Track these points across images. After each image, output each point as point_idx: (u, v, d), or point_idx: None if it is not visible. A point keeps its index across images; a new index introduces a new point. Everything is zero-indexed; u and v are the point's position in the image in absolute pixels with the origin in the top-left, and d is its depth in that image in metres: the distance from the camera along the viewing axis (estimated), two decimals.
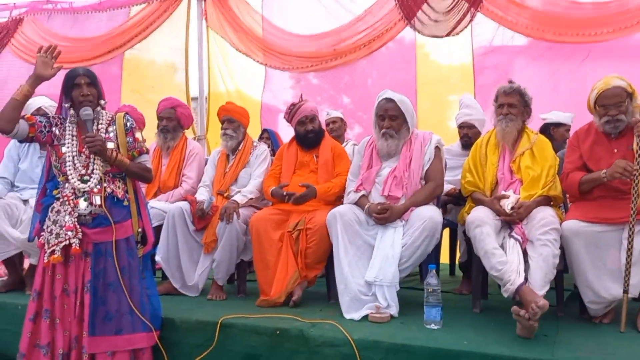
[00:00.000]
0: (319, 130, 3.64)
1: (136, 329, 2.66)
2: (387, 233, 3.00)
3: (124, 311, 2.64)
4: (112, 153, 2.67)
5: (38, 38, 6.27)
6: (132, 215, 2.76)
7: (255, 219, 3.34)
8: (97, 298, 2.60)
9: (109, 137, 2.74)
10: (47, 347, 2.60)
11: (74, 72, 2.72)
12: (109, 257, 2.64)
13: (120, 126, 2.78)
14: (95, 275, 2.62)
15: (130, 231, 2.73)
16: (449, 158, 3.76)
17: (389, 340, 2.46)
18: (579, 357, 2.22)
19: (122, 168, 2.72)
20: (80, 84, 2.69)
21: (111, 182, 2.72)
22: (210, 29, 5.82)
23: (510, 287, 2.54)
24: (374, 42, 5.11)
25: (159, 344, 2.75)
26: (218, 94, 5.86)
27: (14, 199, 3.68)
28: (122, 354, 2.63)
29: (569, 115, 4.25)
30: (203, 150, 4.58)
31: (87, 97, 2.68)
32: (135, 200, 2.80)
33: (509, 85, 3.12)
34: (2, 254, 3.58)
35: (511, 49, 4.97)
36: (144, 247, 2.81)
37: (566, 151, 3.11)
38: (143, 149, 2.83)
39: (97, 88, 2.74)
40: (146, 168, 2.84)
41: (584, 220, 2.73)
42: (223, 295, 3.46)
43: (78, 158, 2.68)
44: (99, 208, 2.64)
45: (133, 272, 2.71)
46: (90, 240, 2.64)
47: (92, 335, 2.57)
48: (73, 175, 2.64)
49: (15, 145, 3.89)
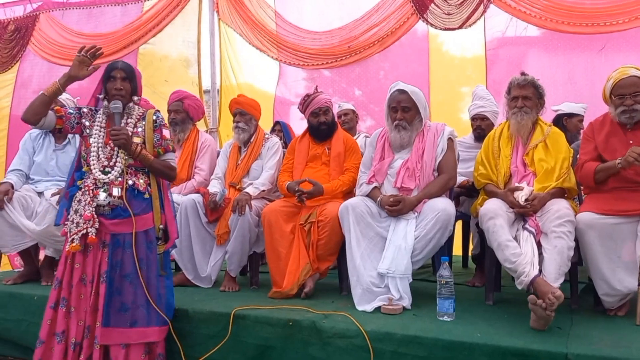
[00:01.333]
0: (332, 123, 3.63)
1: (150, 322, 2.67)
2: (399, 225, 2.99)
3: (139, 303, 2.66)
4: (137, 147, 2.70)
5: (56, 35, 6.36)
6: (154, 210, 2.76)
7: (268, 211, 3.35)
8: (113, 289, 2.62)
9: (137, 132, 2.78)
10: (61, 334, 2.64)
11: (113, 65, 2.78)
12: (127, 249, 2.66)
13: (149, 122, 2.81)
14: (112, 266, 2.64)
15: (150, 224, 2.74)
16: (461, 150, 3.74)
17: (402, 332, 2.45)
18: (593, 350, 2.19)
19: (145, 163, 2.74)
20: (116, 78, 2.74)
21: (133, 174, 2.74)
22: (222, 22, 5.84)
23: (525, 279, 2.52)
24: (388, 38, 5.12)
25: (174, 335, 2.77)
26: (229, 87, 5.88)
27: (29, 191, 3.72)
28: (137, 346, 2.64)
29: (581, 106, 4.21)
30: (215, 143, 4.59)
31: (120, 92, 2.73)
32: (159, 196, 2.81)
33: (522, 78, 3.09)
34: (18, 245, 3.63)
35: (524, 40, 4.94)
36: (165, 243, 2.80)
37: (581, 142, 3.08)
38: (169, 146, 2.84)
39: (133, 83, 2.78)
40: (170, 166, 2.84)
41: (599, 213, 2.71)
42: (236, 287, 3.47)
43: (103, 150, 2.72)
44: (117, 199, 2.66)
45: (151, 265, 2.72)
46: (108, 231, 2.67)
47: (105, 326, 2.59)
48: (95, 166, 2.69)
49: (31, 138, 3.93)
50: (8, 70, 6.59)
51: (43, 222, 3.52)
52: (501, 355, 2.26)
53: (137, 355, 2.63)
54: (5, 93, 6.66)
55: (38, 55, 6.43)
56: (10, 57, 6.55)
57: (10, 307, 3.43)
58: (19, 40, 6.52)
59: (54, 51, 6.34)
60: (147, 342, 2.67)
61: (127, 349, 2.62)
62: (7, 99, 6.64)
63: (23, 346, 3.40)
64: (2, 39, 6.57)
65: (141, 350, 2.65)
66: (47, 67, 6.42)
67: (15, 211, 3.53)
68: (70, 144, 3.91)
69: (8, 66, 6.58)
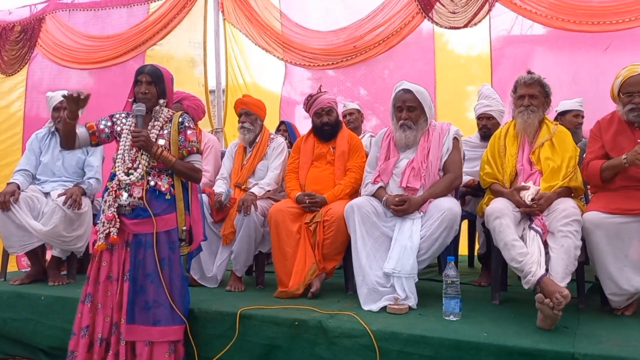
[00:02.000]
0: (335, 123, 3.62)
1: (171, 321, 2.69)
2: (405, 225, 2.99)
3: (161, 302, 2.68)
4: (158, 149, 2.73)
5: (63, 37, 6.39)
6: (177, 211, 2.78)
7: (274, 210, 3.35)
8: (137, 287, 2.67)
9: (163, 134, 2.81)
10: (85, 329, 2.70)
11: (140, 70, 2.85)
12: (149, 248, 2.69)
13: (175, 125, 2.84)
14: (134, 265, 2.68)
15: (173, 225, 2.75)
16: (467, 149, 3.74)
17: (408, 332, 2.45)
18: (601, 350, 2.18)
19: (167, 165, 2.77)
20: (141, 82, 2.80)
21: (156, 175, 2.77)
22: (228, 23, 5.84)
23: (531, 279, 2.51)
24: (393, 37, 5.11)
25: (190, 337, 2.78)
26: (235, 87, 5.89)
27: (35, 192, 3.73)
28: (161, 344, 2.67)
29: (576, 101, 4.16)
30: (219, 143, 4.60)
31: (145, 95, 2.79)
32: (184, 198, 2.83)
33: (529, 76, 3.08)
34: (25, 246, 3.64)
35: (530, 38, 4.92)
36: (188, 245, 2.82)
37: (588, 141, 3.06)
38: (193, 148, 2.85)
39: (159, 87, 2.83)
40: (193, 168, 2.85)
41: (606, 212, 2.69)
42: (241, 287, 3.48)
43: (129, 152, 2.77)
44: (138, 200, 2.70)
45: (173, 265, 2.74)
46: (129, 231, 2.72)
47: (130, 323, 2.63)
48: (120, 168, 2.75)
49: (37, 138, 3.95)
50: (17, 72, 6.62)
51: (49, 223, 3.53)
52: (508, 354, 2.25)
53: (161, 353, 2.66)
54: (17, 96, 6.70)
55: (46, 57, 6.46)
56: (19, 59, 6.58)
57: (18, 307, 3.45)
58: (26, 42, 6.54)
59: (62, 54, 6.37)
60: (172, 341, 2.69)
61: (151, 346, 2.66)
62: (19, 101, 6.67)
63: (31, 346, 3.42)
64: (9, 40, 6.59)
65: (165, 348, 2.67)
66: (57, 69, 6.47)
67: (21, 212, 3.55)
68: None
69: (17, 68, 6.60)
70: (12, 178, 3.76)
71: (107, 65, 6.14)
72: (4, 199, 3.51)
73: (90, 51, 6.20)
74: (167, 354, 2.66)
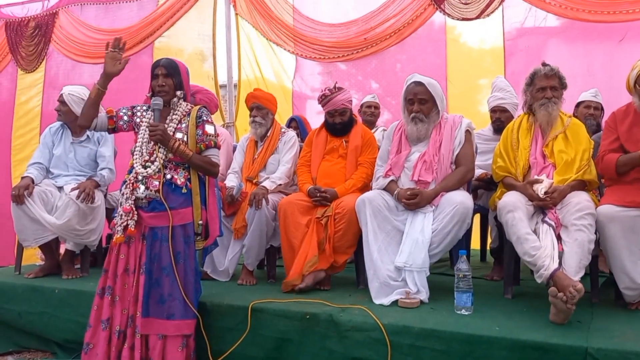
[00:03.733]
0: (348, 122, 3.60)
1: (185, 315, 2.71)
2: (417, 218, 2.98)
3: (175, 296, 2.70)
4: (175, 143, 2.73)
5: (75, 32, 6.42)
6: (194, 205, 2.78)
7: (284, 203, 3.35)
8: (152, 280, 2.68)
9: (181, 127, 2.81)
10: (106, 322, 2.72)
11: (156, 63, 2.87)
12: (164, 242, 2.70)
13: (193, 118, 2.84)
14: (150, 259, 2.70)
15: (188, 219, 2.76)
16: (480, 142, 3.70)
17: (419, 326, 2.45)
18: (614, 344, 2.16)
19: (184, 159, 2.77)
20: (158, 75, 2.81)
21: (173, 169, 2.78)
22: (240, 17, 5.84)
23: (544, 273, 2.49)
24: (405, 29, 5.07)
25: (202, 330, 2.80)
26: (247, 81, 5.89)
27: (49, 186, 3.77)
28: (174, 338, 2.68)
29: (589, 92, 4.09)
30: (230, 137, 4.61)
31: (163, 88, 2.80)
32: (201, 192, 2.83)
33: (549, 68, 3.03)
34: (39, 239, 3.67)
35: (543, 30, 4.86)
36: (204, 240, 2.83)
37: (603, 132, 3.02)
38: (211, 142, 2.84)
39: (176, 79, 2.83)
40: (210, 162, 2.84)
41: (620, 205, 2.66)
42: (253, 280, 3.49)
43: (147, 145, 2.78)
44: (154, 193, 2.71)
45: (188, 259, 2.75)
46: (146, 224, 2.73)
47: (145, 316, 2.65)
48: (137, 161, 2.76)
49: (50, 132, 3.98)
50: (36, 69, 6.69)
51: (63, 216, 3.56)
52: (520, 349, 2.24)
53: (174, 347, 2.67)
54: (35, 92, 6.77)
55: (61, 53, 6.51)
56: (36, 55, 6.63)
57: (32, 301, 3.49)
58: (41, 38, 6.59)
59: (75, 49, 6.41)
60: (184, 335, 2.71)
61: (164, 340, 2.67)
62: (37, 97, 6.74)
63: (46, 339, 3.46)
64: (25, 36, 6.65)
65: (178, 342, 2.68)
66: (71, 64, 6.52)
67: (35, 205, 3.58)
68: (89, 139, 3.94)
69: (36, 65, 6.67)
70: (26, 172, 3.80)
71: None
72: (18, 193, 3.54)
73: (101, 45, 6.20)
74: (180, 348, 2.68)
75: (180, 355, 2.66)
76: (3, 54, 6.85)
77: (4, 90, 6.99)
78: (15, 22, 6.73)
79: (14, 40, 6.73)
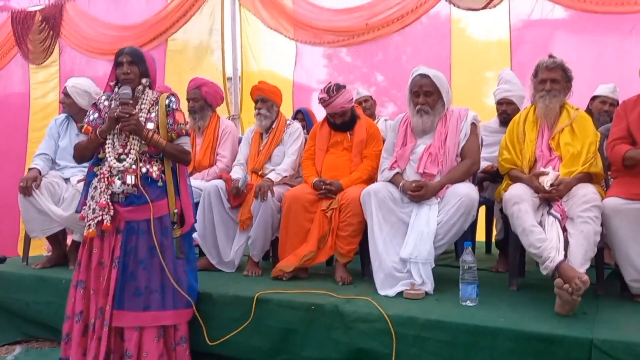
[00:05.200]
0: (349, 121, 3.58)
1: (164, 306, 2.70)
2: (422, 210, 2.98)
3: (152, 288, 2.69)
4: (148, 133, 2.70)
5: (85, 27, 6.40)
6: (168, 195, 2.77)
7: (290, 197, 3.36)
8: (127, 273, 2.66)
9: (151, 117, 2.77)
10: (79, 315, 2.72)
11: (120, 51, 2.79)
12: (141, 235, 2.68)
13: (162, 107, 2.80)
14: (126, 252, 2.67)
15: (164, 211, 2.75)
16: (485, 134, 3.69)
17: (424, 317, 2.45)
18: (620, 336, 2.16)
19: (158, 148, 2.74)
20: (122, 63, 2.75)
21: (147, 162, 2.75)
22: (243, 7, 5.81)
23: (550, 265, 2.49)
24: (408, 16, 4.98)
25: (198, 317, 2.82)
26: (250, 74, 5.87)
27: (55, 177, 3.78)
28: (150, 329, 2.67)
29: (607, 86, 4.06)
30: (236, 129, 4.61)
31: (128, 76, 2.74)
32: (174, 182, 2.80)
33: (551, 60, 3.02)
34: (46, 230, 3.70)
35: (550, 22, 4.83)
36: (181, 228, 2.82)
37: (613, 120, 3.01)
38: (182, 131, 2.81)
39: (141, 66, 2.77)
40: (183, 150, 2.82)
41: (626, 197, 2.66)
42: (259, 271, 3.50)
43: (118, 137, 2.73)
44: (131, 187, 2.68)
45: (165, 250, 2.73)
46: (122, 218, 2.70)
47: (118, 309, 2.63)
48: (110, 154, 2.71)
49: (56, 123, 4.00)
50: (43, 62, 6.66)
51: (70, 208, 3.58)
52: (526, 340, 2.24)
53: (150, 338, 2.67)
54: (52, 87, 6.76)
55: (73, 49, 6.49)
56: (44, 49, 6.61)
57: (40, 291, 3.52)
58: (49, 31, 6.57)
59: (85, 44, 6.37)
60: (162, 326, 2.70)
61: (141, 331, 2.66)
62: (54, 92, 6.71)
63: (53, 328, 3.49)
64: (32, 29, 6.64)
65: (154, 333, 2.67)
66: (86, 60, 6.49)
67: (43, 197, 3.60)
68: None
69: (43, 58, 6.64)
70: (33, 163, 3.81)
71: None
72: (26, 185, 3.56)
73: (112, 41, 6.19)
74: (155, 338, 2.67)
75: (156, 345, 2.66)
76: (9, 46, 6.84)
77: (17, 84, 6.99)
78: (21, 15, 6.72)
79: (20, 33, 6.70)
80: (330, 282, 3.16)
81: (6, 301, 3.68)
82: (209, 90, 4.07)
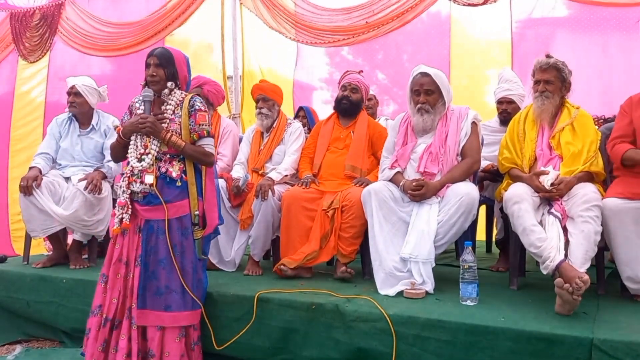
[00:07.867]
0: (355, 102, 3.64)
1: (184, 307, 2.71)
2: (422, 210, 2.98)
3: (172, 288, 2.70)
4: (166, 134, 2.72)
5: (84, 24, 6.39)
6: (190, 196, 2.77)
7: (289, 197, 3.37)
8: (149, 272, 2.68)
9: (174, 118, 2.79)
10: (98, 308, 2.75)
11: (150, 53, 2.83)
12: (160, 235, 2.70)
13: (185, 108, 2.81)
14: (146, 251, 2.70)
15: (185, 211, 2.75)
16: (486, 134, 3.69)
17: (425, 316, 2.45)
18: (620, 335, 2.16)
19: (177, 149, 2.75)
20: (150, 64, 2.79)
21: (168, 162, 2.77)
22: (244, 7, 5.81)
23: (550, 264, 2.49)
24: (407, 14, 4.96)
25: (206, 320, 2.82)
26: (251, 73, 5.87)
27: (56, 176, 3.78)
28: (172, 329, 2.68)
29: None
30: (237, 128, 4.60)
31: (153, 78, 2.77)
32: (197, 182, 2.81)
33: (545, 61, 3.02)
34: (46, 229, 3.69)
35: (552, 20, 4.82)
36: (202, 229, 2.82)
37: (617, 116, 3.00)
38: (204, 132, 2.81)
39: (168, 69, 2.79)
40: (204, 152, 2.81)
41: (625, 197, 2.66)
42: (259, 271, 3.51)
43: (141, 138, 2.77)
44: (149, 187, 2.71)
45: (185, 251, 2.74)
46: (142, 217, 2.74)
47: (141, 308, 2.66)
48: (132, 154, 2.77)
49: (57, 123, 4.00)
50: (39, 60, 6.65)
51: (70, 207, 3.58)
52: (526, 339, 2.24)
53: (171, 338, 2.68)
54: (38, 82, 6.74)
55: (68, 45, 6.47)
56: (40, 46, 6.59)
57: (40, 290, 3.52)
58: (47, 29, 6.56)
59: (82, 41, 6.36)
60: (183, 326, 2.72)
61: (163, 331, 2.67)
62: (40, 88, 6.71)
63: (53, 327, 3.50)
64: (29, 27, 6.63)
65: (176, 333, 2.69)
66: (78, 56, 6.48)
67: (43, 196, 3.60)
68: (94, 129, 3.97)
69: (38, 56, 6.62)
70: (33, 162, 3.81)
71: (127, 52, 6.13)
72: (26, 184, 3.56)
73: (110, 38, 6.20)
74: (177, 338, 2.68)
75: (177, 345, 2.67)
76: (6, 44, 6.81)
77: (4, 80, 6.95)
78: (20, 13, 6.72)
79: (18, 30, 6.68)
80: (331, 282, 3.16)
81: (7, 301, 3.68)
82: (211, 89, 4.07)
